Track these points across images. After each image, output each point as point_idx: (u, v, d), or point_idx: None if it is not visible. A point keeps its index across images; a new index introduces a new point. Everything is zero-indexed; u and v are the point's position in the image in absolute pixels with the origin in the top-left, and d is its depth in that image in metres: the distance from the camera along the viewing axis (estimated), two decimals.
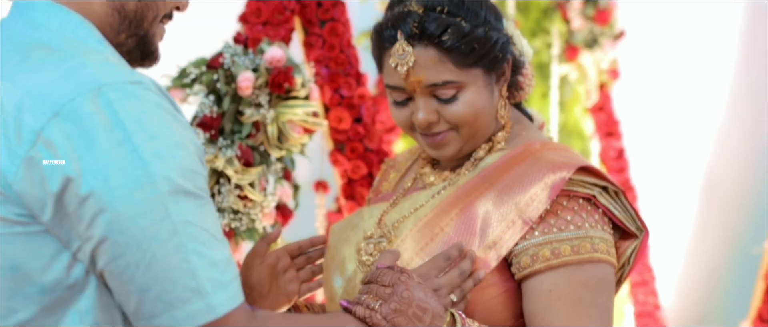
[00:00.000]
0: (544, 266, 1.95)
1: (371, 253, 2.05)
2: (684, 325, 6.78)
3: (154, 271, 1.52)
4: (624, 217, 2.04)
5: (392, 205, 2.13)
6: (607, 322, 1.95)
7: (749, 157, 6.75)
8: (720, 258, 6.84)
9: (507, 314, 1.99)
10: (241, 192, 2.90)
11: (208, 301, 1.54)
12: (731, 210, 6.81)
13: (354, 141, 3.36)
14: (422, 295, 1.84)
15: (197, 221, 1.55)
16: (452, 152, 2.07)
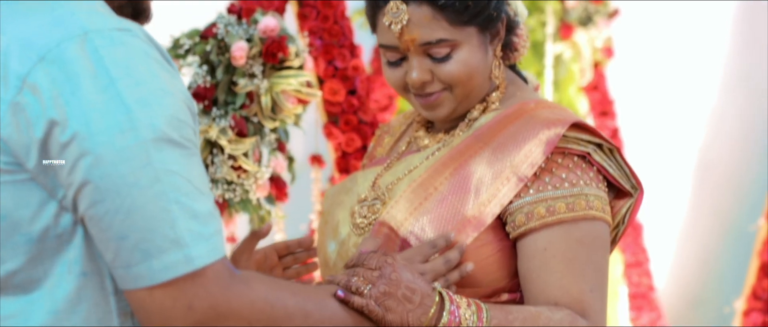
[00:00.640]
0: (539, 224, 1.94)
1: (365, 216, 2.04)
2: (678, 307, 6.78)
3: (132, 219, 1.50)
4: (618, 175, 2.03)
5: (386, 168, 2.13)
6: (602, 279, 1.95)
7: (743, 139, 6.75)
8: (714, 240, 6.84)
9: (501, 274, 1.98)
10: (235, 163, 2.89)
11: (186, 252, 1.52)
12: (725, 192, 6.81)
13: (348, 113, 3.36)
14: (410, 276, 1.83)
15: (181, 171, 1.53)
16: (446, 113, 2.06)
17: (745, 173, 6.71)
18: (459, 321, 1.81)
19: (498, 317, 1.84)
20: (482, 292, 1.97)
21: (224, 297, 1.55)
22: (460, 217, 1.95)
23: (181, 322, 1.53)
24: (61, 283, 1.56)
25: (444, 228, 1.94)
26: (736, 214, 6.65)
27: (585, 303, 1.91)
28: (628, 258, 6.30)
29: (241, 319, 1.57)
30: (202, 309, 1.53)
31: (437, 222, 1.95)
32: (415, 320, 1.79)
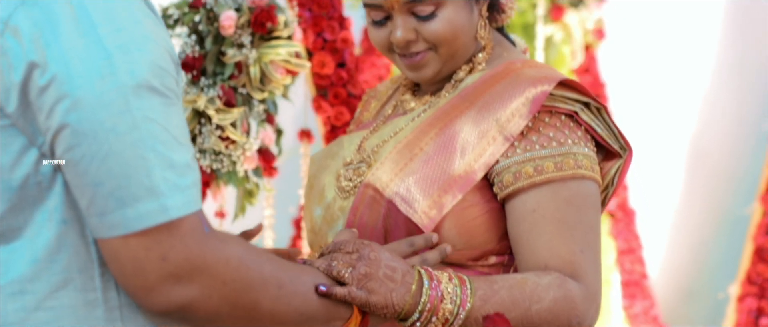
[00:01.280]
0: (528, 184, 1.92)
1: (350, 179, 2.02)
2: (671, 297, 6.78)
3: (108, 165, 1.48)
4: (606, 134, 2.01)
5: (372, 131, 2.11)
6: (593, 239, 1.93)
7: (737, 126, 6.75)
8: (707, 228, 6.84)
9: (489, 236, 1.97)
10: (223, 133, 2.87)
11: (162, 202, 1.49)
12: (718, 180, 6.81)
13: (337, 86, 3.34)
14: (388, 255, 1.81)
15: (160, 119, 1.50)
16: (431, 73, 2.05)
17: (739, 161, 6.71)
18: (442, 295, 1.80)
19: (483, 288, 1.82)
20: (469, 254, 1.96)
21: (200, 251, 1.52)
22: (446, 177, 1.93)
23: (154, 274, 1.50)
24: (42, 231, 1.54)
25: (430, 188, 1.93)
26: (729, 202, 6.64)
27: (575, 264, 1.89)
28: (620, 245, 6.30)
29: (215, 277, 1.54)
30: (176, 261, 1.51)
31: (423, 182, 1.93)
32: (399, 299, 1.78)
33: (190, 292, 1.53)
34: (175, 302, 1.52)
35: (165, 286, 1.51)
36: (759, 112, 6.43)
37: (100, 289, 1.56)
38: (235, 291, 1.57)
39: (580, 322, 1.88)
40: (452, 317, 1.80)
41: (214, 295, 1.55)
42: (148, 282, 1.51)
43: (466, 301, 1.80)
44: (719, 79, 6.85)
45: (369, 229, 1.96)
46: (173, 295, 1.52)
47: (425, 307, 1.78)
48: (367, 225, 1.96)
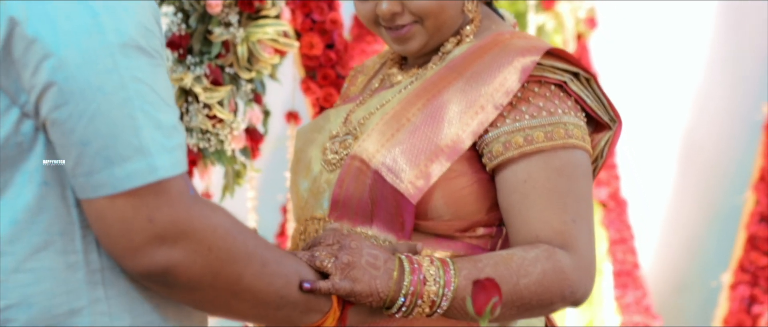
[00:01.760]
0: (518, 153, 1.90)
1: (336, 151, 2.00)
2: (664, 289, 6.77)
3: (96, 124, 1.46)
4: (596, 106, 1.99)
5: (359, 104, 2.09)
6: (584, 209, 1.91)
7: (729, 119, 6.75)
8: (700, 220, 6.84)
9: (477, 207, 1.94)
10: (210, 112, 2.85)
11: (150, 162, 1.48)
12: (711, 173, 6.81)
13: (326, 67, 3.33)
14: (369, 243, 1.80)
15: (147, 80, 1.49)
16: (417, 47, 2.02)
17: (732, 152, 6.71)
18: (424, 278, 1.78)
19: (467, 267, 1.81)
20: (457, 225, 1.94)
21: (187, 214, 1.51)
22: (434, 147, 1.91)
23: (140, 235, 1.49)
24: (22, 192, 1.52)
25: (417, 158, 1.91)
26: (722, 192, 6.65)
27: (567, 234, 1.87)
28: (612, 235, 6.29)
29: (201, 243, 1.53)
30: (163, 223, 1.49)
31: (409, 152, 1.91)
32: (384, 286, 1.77)
33: (175, 255, 1.51)
34: (159, 264, 1.51)
35: (150, 247, 1.50)
36: (752, 104, 6.42)
37: (82, 252, 1.54)
38: (219, 260, 1.55)
39: (573, 291, 1.86)
40: (439, 298, 1.79)
41: (198, 261, 1.53)
42: (133, 243, 1.49)
43: (450, 281, 1.79)
44: (712, 71, 6.84)
45: (355, 201, 1.94)
46: (157, 257, 1.50)
47: (408, 292, 1.77)
48: (353, 197, 1.94)
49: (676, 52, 6.86)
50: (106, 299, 1.55)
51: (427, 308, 1.79)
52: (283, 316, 1.70)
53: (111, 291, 1.55)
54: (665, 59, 6.85)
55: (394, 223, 1.91)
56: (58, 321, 1.53)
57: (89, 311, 1.54)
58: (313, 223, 1.99)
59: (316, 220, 1.99)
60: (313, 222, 2.00)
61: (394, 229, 1.92)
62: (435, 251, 1.93)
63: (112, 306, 1.55)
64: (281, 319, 1.71)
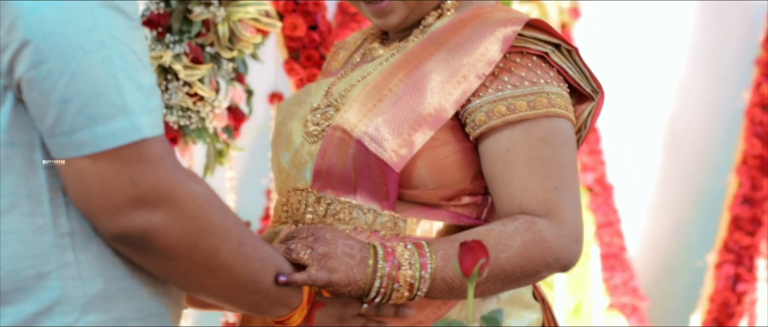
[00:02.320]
0: (501, 122, 1.89)
1: (318, 123, 1.99)
2: (650, 269, 6.79)
3: (78, 82, 1.44)
4: (578, 77, 1.99)
5: (340, 78, 2.08)
6: (569, 176, 1.90)
7: (712, 109, 6.77)
8: (684, 205, 6.86)
9: (462, 175, 1.94)
10: (190, 90, 2.83)
11: (133, 121, 1.46)
12: (694, 159, 6.83)
13: (309, 49, 3.32)
14: (344, 233, 1.80)
15: (126, 40, 1.48)
16: (397, 21, 2.02)
17: (714, 139, 6.73)
18: (398, 263, 1.78)
19: (443, 248, 1.81)
20: (442, 194, 1.93)
21: (169, 179, 1.50)
22: (416, 116, 1.91)
23: (121, 196, 1.47)
24: None
25: (399, 127, 1.90)
26: (706, 179, 6.68)
27: (550, 202, 1.87)
28: (599, 218, 6.30)
29: (181, 209, 1.51)
30: (145, 186, 1.48)
31: (392, 122, 1.91)
32: (361, 274, 1.77)
33: (154, 219, 1.49)
34: (138, 227, 1.49)
35: (130, 209, 1.48)
36: (733, 92, 6.45)
37: (50, 215, 1.52)
38: (198, 229, 1.53)
39: (557, 258, 1.86)
40: (416, 282, 1.79)
41: (176, 228, 1.51)
42: (113, 204, 1.47)
43: (426, 263, 1.79)
44: (694, 61, 6.86)
45: (338, 172, 1.93)
46: (136, 219, 1.49)
47: (384, 277, 1.77)
48: (335, 167, 1.93)
49: (659, 42, 6.86)
50: (76, 263, 1.53)
51: (406, 292, 1.79)
52: (253, 302, 1.68)
53: (82, 255, 1.53)
54: (648, 49, 6.85)
55: (378, 192, 1.91)
56: (26, 284, 1.51)
57: (58, 275, 1.52)
58: (295, 194, 1.99)
59: (298, 191, 1.98)
60: (295, 193, 1.99)
61: (378, 199, 1.91)
62: (420, 221, 1.92)
63: (82, 270, 1.53)
64: (250, 305, 1.69)
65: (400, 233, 1.90)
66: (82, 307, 1.52)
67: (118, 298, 1.55)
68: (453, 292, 1.83)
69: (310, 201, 1.95)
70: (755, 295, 5.97)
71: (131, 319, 1.56)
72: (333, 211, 1.93)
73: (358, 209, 1.91)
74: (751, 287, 5.90)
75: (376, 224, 1.91)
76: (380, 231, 1.90)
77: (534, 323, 2.00)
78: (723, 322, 5.91)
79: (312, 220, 1.94)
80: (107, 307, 1.54)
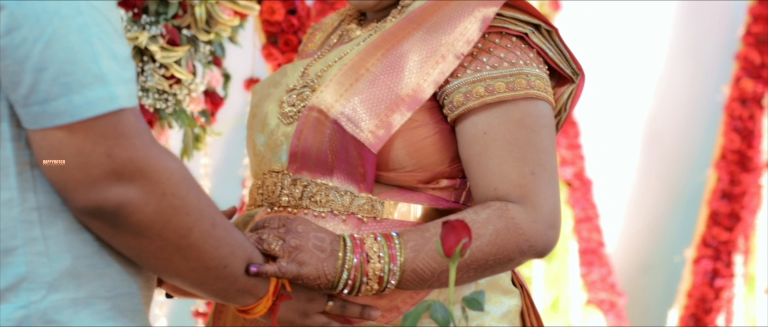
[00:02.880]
0: (479, 103, 1.87)
1: (294, 104, 1.96)
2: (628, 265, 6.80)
3: (54, 49, 1.41)
4: (559, 59, 1.97)
5: (317, 58, 2.05)
6: (547, 160, 1.88)
7: (690, 105, 6.78)
8: (663, 202, 6.87)
9: (439, 157, 1.92)
10: (167, 72, 2.80)
11: (110, 90, 1.43)
12: (673, 156, 6.84)
13: (288, 33, 3.29)
14: (315, 226, 1.79)
15: (101, 9, 1.45)
16: (374, 0, 2.00)
17: (693, 136, 6.74)
18: (367, 255, 1.77)
19: (414, 239, 1.80)
20: (420, 176, 1.91)
21: (145, 154, 1.47)
22: (394, 96, 1.88)
23: (97, 169, 1.44)
24: None
25: (377, 107, 1.88)
26: (685, 175, 6.69)
27: (526, 187, 1.85)
28: (577, 214, 6.30)
29: (157, 185, 1.49)
30: (122, 160, 1.45)
31: (369, 102, 1.88)
32: (331, 268, 1.75)
33: (129, 193, 1.47)
34: (113, 200, 1.46)
35: (105, 182, 1.45)
36: (712, 87, 6.46)
37: (17, 189, 1.48)
38: (172, 207, 1.51)
39: (532, 245, 1.84)
40: (385, 275, 1.78)
41: (151, 204, 1.49)
42: (89, 177, 1.44)
43: (395, 256, 1.78)
44: (674, 58, 6.87)
45: (314, 153, 1.91)
46: (112, 193, 1.46)
47: (352, 270, 1.76)
48: (312, 148, 1.91)
49: (639, 37, 6.87)
50: (43, 239, 1.50)
51: (376, 285, 1.78)
52: (220, 288, 1.66)
53: (49, 231, 1.50)
54: (628, 44, 6.86)
55: (355, 173, 1.89)
56: None
57: (25, 251, 1.49)
58: (271, 176, 1.96)
59: (274, 173, 1.96)
60: (271, 176, 1.96)
61: (355, 180, 1.89)
62: (398, 203, 1.90)
63: (50, 246, 1.50)
64: (217, 291, 1.66)
65: (377, 216, 1.88)
66: (49, 284, 1.50)
67: (88, 275, 1.52)
68: (425, 282, 1.81)
69: (286, 183, 1.93)
70: (733, 291, 5.99)
71: (101, 298, 1.54)
72: (309, 194, 1.90)
73: (335, 191, 1.89)
74: (729, 283, 5.93)
75: (353, 207, 1.89)
76: (357, 213, 1.88)
77: (513, 309, 1.98)
78: (701, 318, 5.93)
79: (288, 202, 1.92)
80: (76, 284, 1.51)
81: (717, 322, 5.94)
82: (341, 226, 1.88)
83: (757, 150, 5.97)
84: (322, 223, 1.87)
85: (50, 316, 1.49)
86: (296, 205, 1.91)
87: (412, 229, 1.82)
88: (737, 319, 6.03)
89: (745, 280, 6.12)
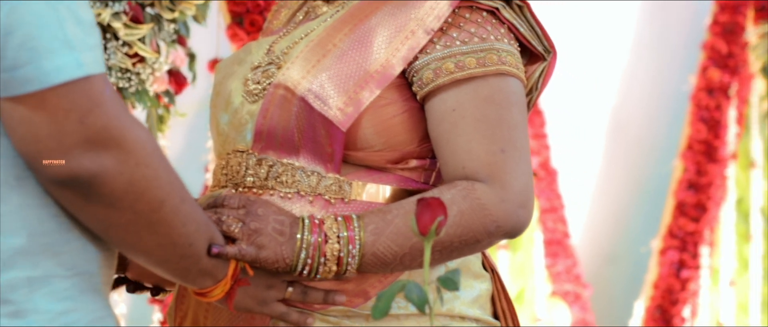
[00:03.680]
0: (449, 80, 1.83)
1: (259, 81, 1.92)
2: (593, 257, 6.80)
3: (18, 13, 1.38)
4: (530, 35, 1.93)
5: (282, 35, 2.01)
6: (517, 138, 1.84)
7: (655, 97, 6.79)
8: (628, 194, 6.88)
9: (409, 136, 1.88)
10: (130, 50, 2.76)
11: (77, 56, 1.40)
12: (639, 148, 6.85)
13: (253, 13, 3.26)
14: (275, 208, 1.75)
15: None
16: None
17: (658, 125, 6.76)
18: (325, 236, 1.73)
19: (374, 222, 1.76)
20: (389, 156, 1.87)
21: (119, 122, 1.44)
22: (362, 72, 1.84)
23: (70, 137, 1.41)
24: None
25: (345, 84, 1.84)
26: (650, 165, 6.70)
27: (495, 165, 1.81)
28: (543, 204, 6.29)
29: (130, 154, 1.45)
30: (96, 127, 1.42)
31: (337, 78, 1.84)
32: (289, 251, 1.72)
33: (103, 162, 1.43)
34: (87, 169, 1.43)
35: (79, 150, 1.42)
36: (678, 77, 6.47)
37: None
38: (145, 178, 1.47)
39: (499, 226, 1.80)
40: (344, 256, 1.74)
41: (124, 174, 1.45)
42: (62, 145, 1.41)
43: (353, 238, 1.74)
44: (639, 49, 6.88)
45: (280, 132, 1.86)
46: (85, 162, 1.42)
47: (309, 249, 1.72)
48: (277, 127, 1.86)
49: (604, 27, 6.87)
50: None
51: (334, 267, 1.74)
52: (183, 267, 1.62)
53: (3, 207, 1.46)
54: (593, 34, 6.86)
55: (323, 153, 1.85)
56: None
57: None
58: (235, 156, 1.92)
59: (238, 153, 1.91)
60: (235, 155, 1.92)
61: (322, 160, 1.85)
62: (366, 184, 1.86)
63: (3, 223, 1.46)
64: (179, 271, 1.63)
65: (345, 197, 1.84)
66: (2, 262, 1.45)
67: (44, 253, 1.48)
68: (386, 266, 1.78)
69: (251, 163, 1.89)
70: (699, 282, 6.00)
71: (59, 276, 1.49)
72: (275, 174, 1.86)
73: (302, 171, 1.85)
74: (695, 274, 5.94)
75: (320, 187, 1.85)
76: (324, 194, 1.84)
77: (483, 293, 1.94)
78: (667, 309, 5.93)
79: (253, 182, 1.87)
80: (32, 262, 1.47)
81: (683, 313, 5.95)
82: (308, 208, 1.84)
83: (723, 140, 5.98)
84: (288, 205, 1.83)
85: (5, 296, 1.45)
86: (261, 185, 1.87)
87: (374, 211, 1.78)
88: (703, 311, 6.04)
89: (710, 273, 6.14)
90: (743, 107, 6.23)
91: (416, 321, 1.87)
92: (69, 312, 1.49)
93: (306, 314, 1.82)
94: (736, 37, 6.07)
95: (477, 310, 1.92)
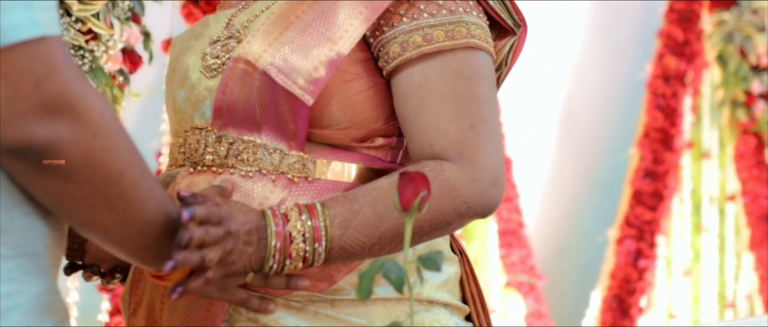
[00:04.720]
0: (417, 54, 1.77)
1: (218, 56, 1.84)
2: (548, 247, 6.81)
3: None
4: (499, 8, 1.87)
5: (242, 9, 1.93)
6: (487, 112, 1.78)
7: (609, 83, 6.80)
8: (580, 184, 6.88)
9: (374, 114, 1.82)
10: (83, 27, 2.68)
11: (31, 15, 1.33)
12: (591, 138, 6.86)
13: None
14: (243, 217, 1.65)
15: None
16: None
17: (613, 114, 6.77)
18: (290, 235, 1.66)
19: (341, 213, 1.69)
20: (354, 134, 1.81)
21: (76, 88, 1.36)
22: (328, 45, 1.77)
23: (24, 103, 1.33)
24: None
25: (309, 56, 1.77)
26: (605, 154, 6.70)
27: (463, 143, 1.75)
28: None
29: (88, 124, 1.37)
30: (52, 92, 1.34)
31: (301, 50, 1.77)
32: (257, 261, 1.65)
33: (60, 130, 1.36)
34: (41, 137, 1.35)
35: (34, 116, 1.34)
36: (632, 66, 6.48)
37: None
38: (103, 149, 1.40)
39: (470, 206, 1.74)
40: (311, 255, 1.67)
41: (81, 143, 1.38)
42: (16, 111, 1.34)
43: (319, 236, 1.67)
44: (591, 36, 6.88)
45: (241, 108, 1.79)
46: (40, 129, 1.35)
47: (276, 256, 1.65)
48: (238, 102, 1.79)
49: (556, 16, 6.87)
50: None
51: (300, 264, 1.68)
52: (141, 246, 1.54)
53: None
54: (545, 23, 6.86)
55: (286, 130, 1.78)
56: None
57: None
58: (193, 134, 1.84)
59: (197, 130, 1.84)
60: (193, 133, 1.84)
61: (285, 137, 1.78)
62: (331, 163, 1.79)
63: None
64: (137, 250, 1.55)
65: (309, 176, 1.78)
66: None
67: None
68: (354, 257, 1.72)
69: (210, 141, 1.81)
70: (655, 272, 6.01)
71: (2, 256, 1.41)
72: (235, 152, 1.79)
73: (263, 149, 1.78)
74: (652, 264, 5.94)
75: (282, 165, 1.78)
76: (287, 173, 1.78)
77: (452, 277, 1.89)
78: (624, 299, 5.93)
79: (212, 161, 1.80)
80: None
81: (640, 303, 5.95)
82: (270, 187, 1.77)
83: (679, 129, 5.99)
84: (249, 184, 1.77)
85: None
86: (221, 163, 1.80)
87: (339, 200, 1.71)
88: (659, 301, 6.05)
89: (666, 263, 6.15)
90: (696, 97, 6.24)
91: (383, 306, 1.81)
92: (12, 294, 1.41)
93: (268, 300, 1.76)
94: (692, 25, 6.08)
95: (446, 294, 1.86)
